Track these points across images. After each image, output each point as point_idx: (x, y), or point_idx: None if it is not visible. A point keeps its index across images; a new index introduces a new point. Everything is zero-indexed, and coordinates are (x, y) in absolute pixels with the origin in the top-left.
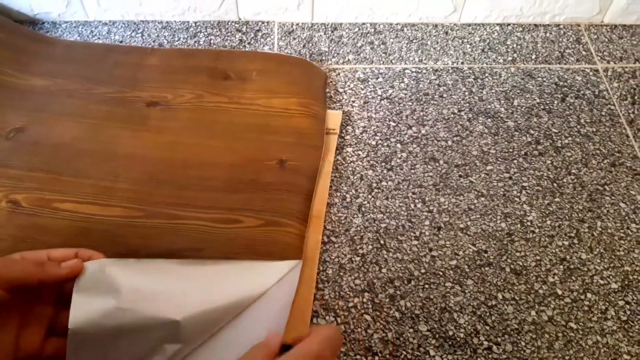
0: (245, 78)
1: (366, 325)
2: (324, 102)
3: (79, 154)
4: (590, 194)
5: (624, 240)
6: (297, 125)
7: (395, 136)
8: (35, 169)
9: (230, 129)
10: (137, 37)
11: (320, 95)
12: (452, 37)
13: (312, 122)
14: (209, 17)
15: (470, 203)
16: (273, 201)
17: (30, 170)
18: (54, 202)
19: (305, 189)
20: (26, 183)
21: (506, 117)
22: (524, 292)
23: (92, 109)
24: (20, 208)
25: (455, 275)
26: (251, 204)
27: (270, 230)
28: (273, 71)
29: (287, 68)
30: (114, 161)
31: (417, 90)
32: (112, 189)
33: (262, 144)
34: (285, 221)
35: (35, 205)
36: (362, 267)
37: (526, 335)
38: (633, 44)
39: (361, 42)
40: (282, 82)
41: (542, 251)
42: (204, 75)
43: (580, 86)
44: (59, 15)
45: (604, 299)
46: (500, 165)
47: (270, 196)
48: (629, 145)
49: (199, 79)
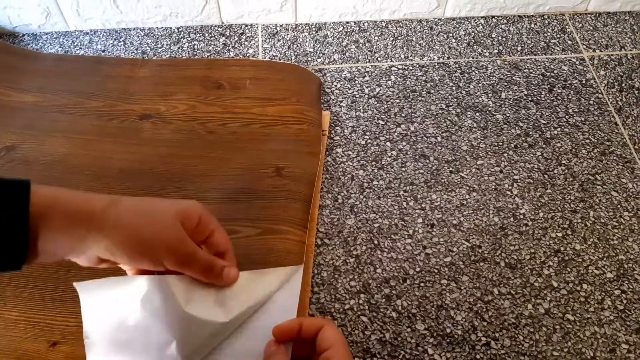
0: (239, 87)
1: (363, 326)
2: (319, 107)
3: (71, 171)
4: (581, 184)
5: (617, 229)
6: (293, 132)
7: (385, 134)
8: None
9: (225, 139)
10: (119, 45)
11: (314, 101)
12: (437, 32)
13: (308, 128)
14: (191, 22)
15: (462, 199)
16: (270, 209)
17: None
18: None
19: (304, 195)
20: None
21: (494, 110)
22: (519, 286)
23: (84, 123)
24: None
25: (450, 272)
26: (248, 213)
27: (267, 238)
28: (266, 79)
29: (280, 75)
30: (108, 177)
31: (404, 87)
32: None
33: (258, 153)
34: (284, 228)
35: None
36: (357, 268)
37: (524, 329)
38: (618, 31)
39: (346, 41)
40: (276, 89)
41: (536, 244)
42: (197, 85)
43: (567, 76)
44: (39, 27)
45: (599, 289)
46: (491, 159)
47: (268, 204)
48: (618, 133)
49: (192, 90)
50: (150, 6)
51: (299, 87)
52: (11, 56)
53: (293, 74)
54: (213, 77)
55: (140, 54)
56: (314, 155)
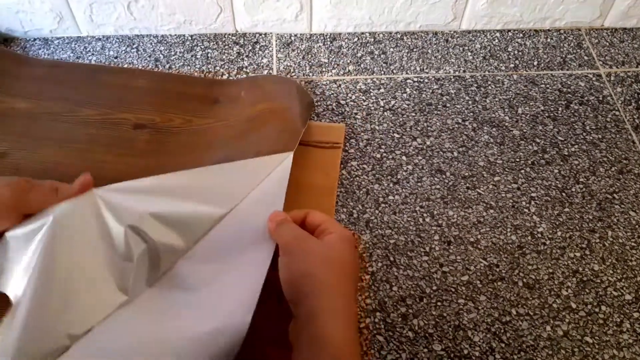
0: (235, 99)
1: (379, 346)
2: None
3: (63, 180)
4: (599, 202)
5: (635, 249)
6: (278, 122)
7: (400, 148)
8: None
9: (217, 144)
10: (132, 52)
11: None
12: (452, 44)
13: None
14: (205, 30)
15: (479, 216)
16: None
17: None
18: None
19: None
20: None
21: (511, 125)
22: (537, 307)
23: (77, 132)
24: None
25: (468, 291)
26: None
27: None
28: (261, 86)
29: (274, 86)
30: (99, 186)
31: (419, 100)
32: None
33: (245, 147)
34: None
35: None
36: (373, 285)
37: (542, 352)
38: (634, 47)
39: (361, 52)
40: (267, 91)
41: (554, 263)
42: (195, 101)
43: (584, 92)
44: (50, 32)
45: (618, 311)
46: (508, 176)
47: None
48: (635, 151)
49: (190, 106)
50: (164, 13)
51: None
52: (5, 61)
53: (282, 84)
54: (212, 95)
55: (153, 61)
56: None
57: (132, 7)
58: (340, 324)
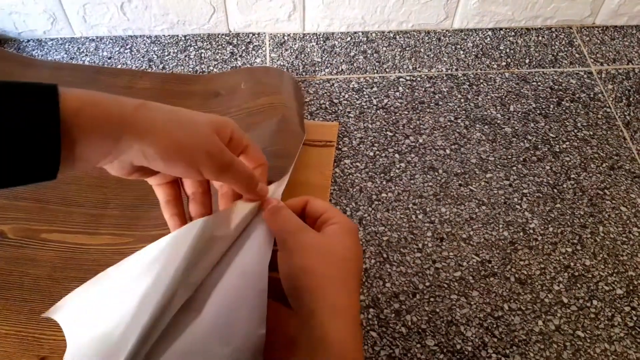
0: (235, 91)
1: (372, 342)
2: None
3: (66, 181)
4: (590, 198)
5: (626, 244)
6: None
7: (393, 146)
8: (20, 198)
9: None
10: (125, 52)
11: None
12: (445, 43)
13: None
14: (198, 30)
15: (471, 212)
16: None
17: (15, 199)
18: (41, 233)
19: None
20: (12, 213)
21: (503, 123)
22: (530, 302)
23: None
24: (6, 240)
25: (460, 286)
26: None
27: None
28: (259, 77)
29: (269, 79)
30: (104, 187)
31: (412, 98)
32: (102, 216)
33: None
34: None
35: (22, 237)
36: (366, 282)
37: (534, 346)
38: (625, 45)
39: (354, 52)
40: (265, 83)
41: (546, 259)
42: (197, 97)
43: (575, 89)
44: (44, 33)
45: (609, 306)
46: (500, 173)
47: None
48: (626, 147)
49: (192, 102)
50: (157, 14)
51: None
52: (10, 63)
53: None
54: (212, 89)
55: (147, 61)
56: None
57: (125, 8)
58: (341, 323)
